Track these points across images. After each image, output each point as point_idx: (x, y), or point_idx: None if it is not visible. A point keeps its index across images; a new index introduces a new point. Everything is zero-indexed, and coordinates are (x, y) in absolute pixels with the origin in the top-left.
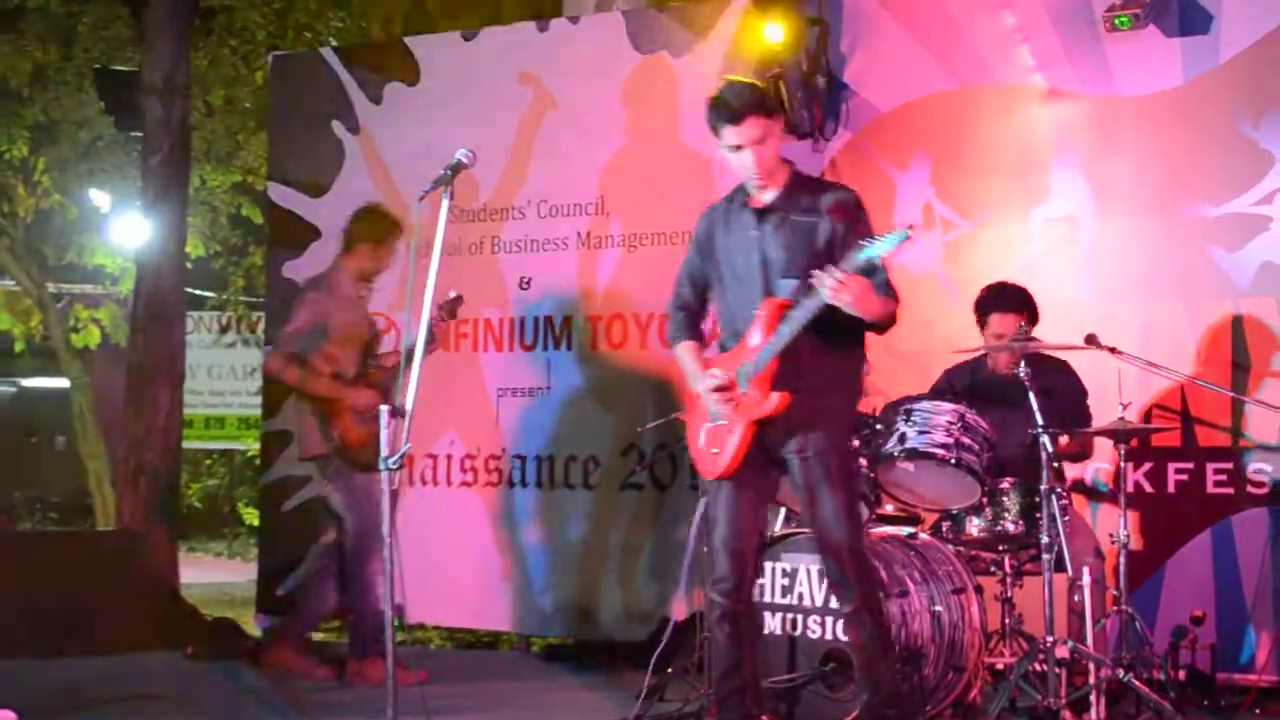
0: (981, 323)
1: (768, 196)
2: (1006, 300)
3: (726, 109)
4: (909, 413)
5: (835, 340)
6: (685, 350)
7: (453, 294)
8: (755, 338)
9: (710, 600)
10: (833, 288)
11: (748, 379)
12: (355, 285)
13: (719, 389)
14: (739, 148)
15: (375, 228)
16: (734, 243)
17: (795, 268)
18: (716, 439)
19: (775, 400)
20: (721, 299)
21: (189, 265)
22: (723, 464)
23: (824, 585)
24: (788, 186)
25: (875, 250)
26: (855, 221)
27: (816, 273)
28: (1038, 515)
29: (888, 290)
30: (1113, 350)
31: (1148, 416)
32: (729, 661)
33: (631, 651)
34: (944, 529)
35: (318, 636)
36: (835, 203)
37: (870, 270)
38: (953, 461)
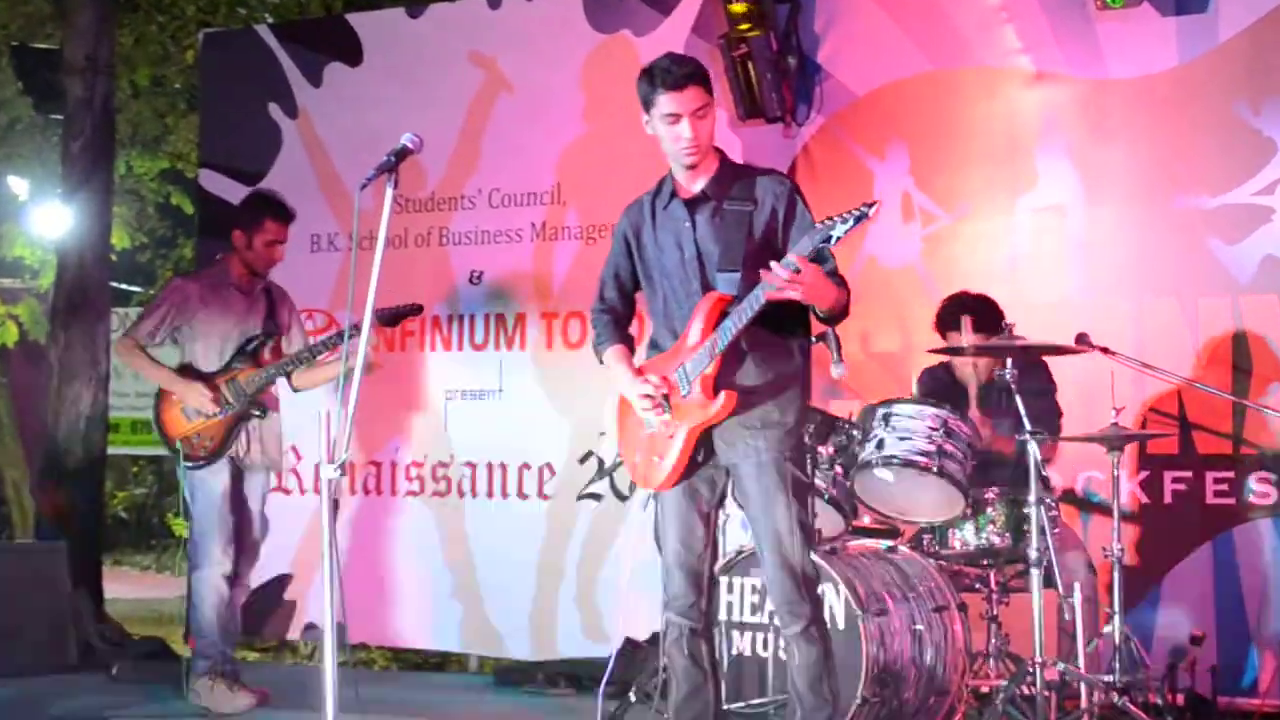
0: (943, 337)
1: (698, 185)
2: (961, 315)
3: (667, 74)
4: (888, 417)
5: (781, 334)
6: (614, 355)
7: (406, 305)
8: (695, 335)
9: (666, 620)
10: (788, 278)
11: (689, 380)
12: (239, 278)
13: (651, 397)
14: (677, 118)
15: (242, 215)
16: (664, 238)
17: (733, 260)
18: (656, 446)
19: (721, 402)
20: (654, 299)
21: (114, 258)
22: (664, 473)
23: (771, 601)
24: (719, 174)
25: (838, 229)
26: (794, 206)
27: (772, 265)
28: (1025, 527)
29: (838, 279)
30: (1105, 350)
31: (1143, 422)
32: (689, 686)
33: (591, 673)
34: (925, 542)
35: (253, 656)
36: (770, 188)
37: (823, 257)
38: (935, 470)
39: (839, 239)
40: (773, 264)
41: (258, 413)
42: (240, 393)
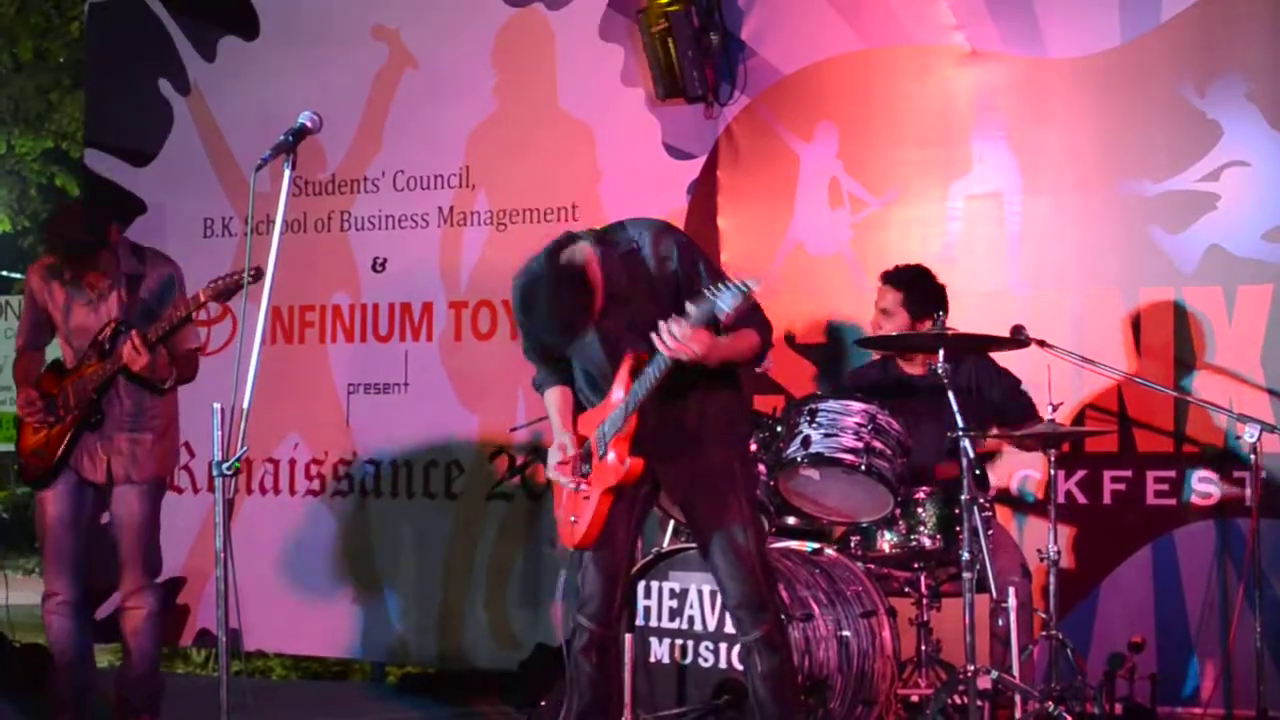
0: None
1: None
2: (891, 273)
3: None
4: (814, 413)
5: (708, 374)
6: (552, 401)
7: (239, 272)
8: (617, 393)
9: (576, 625)
10: (672, 348)
11: (606, 441)
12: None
13: (563, 465)
14: None
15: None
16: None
17: (646, 317)
18: (575, 505)
19: (628, 466)
20: (576, 364)
21: None
22: (580, 533)
23: (717, 607)
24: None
25: (722, 303)
26: (685, 260)
27: (656, 332)
28: (957, 529)
29: (754, 319)
30: (1041, 344)
31: (1081, 418)
32: (594, 696)
33: (500, 682)
34: (853, 544)
35: None
36: (653, 248)
37: (714, 320)
38: (862, 468)
39: (727, 312)
40: (660, 327)
41: (97, 418)
42: (82, 395)
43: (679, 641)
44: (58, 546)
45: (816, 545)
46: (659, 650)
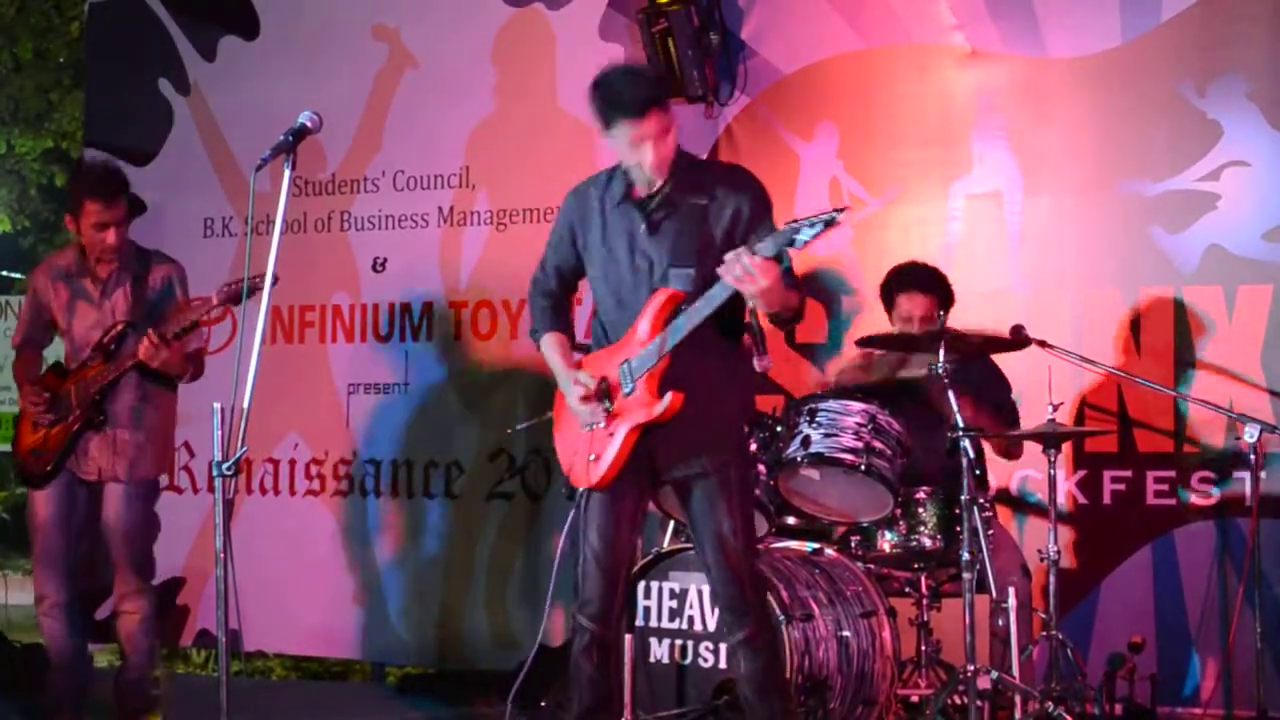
0: (888, 306)
1: (654, 185)
2: (915, 278)
3: (622, 101)
4: (813, 413)
5: (724, 339)
6: (551, 344)
7: (253, 276)
8: (643, 331)
9: (576, 625)
10: (742, 274)
11: (633, 377)
12: (90, 263)
13: (587, 399)
14: (638, 144)
15: (68, 196)
16: (614, 239)
17: (687, 256)
18: (594, 443)
19: (667, 402)
20: (601, 291)
21: None
22: (600, 472)
23: (716, 609)
24: (676, 173)
25: (804, 234)
26: (760, 212)
27: (728, 255)
28: (958, 529)
29: (794, 280)
30: (1042, 344)
31: (1080, 417)
32: (595, 696)
33: (500, 682)
34: (853, 544)
35: None
36: (733, 188)
37: (779, 256)
38: (862, 468)
39: (805, 244)
40: (728, 256)
41: (100, 419)
42: (84, 396)
43: (678, 642)
44: (48, 548)
45: (816, 545)
46: (659, 650)
